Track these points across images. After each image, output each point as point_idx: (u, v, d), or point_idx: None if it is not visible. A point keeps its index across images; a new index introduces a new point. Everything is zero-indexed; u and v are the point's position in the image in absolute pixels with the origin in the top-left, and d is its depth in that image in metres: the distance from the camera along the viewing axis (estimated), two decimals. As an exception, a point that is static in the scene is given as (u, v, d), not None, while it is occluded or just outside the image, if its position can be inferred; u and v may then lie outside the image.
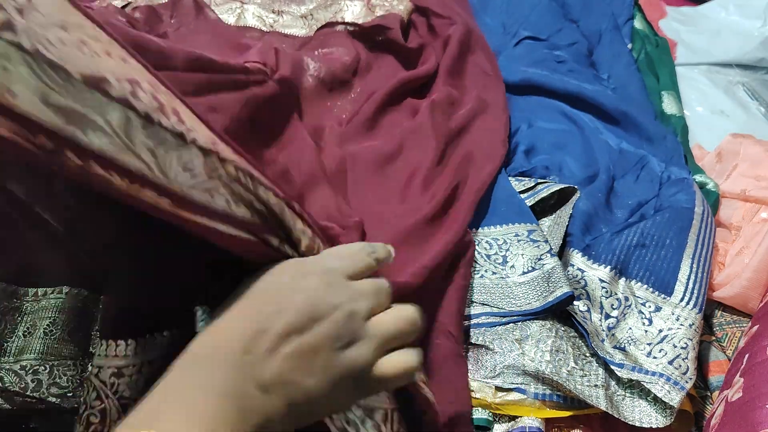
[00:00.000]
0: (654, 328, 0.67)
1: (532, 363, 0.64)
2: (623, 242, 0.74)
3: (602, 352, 0.64)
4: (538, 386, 0.64)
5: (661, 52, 1.09)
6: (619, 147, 0.89)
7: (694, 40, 1.14)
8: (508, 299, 0.69)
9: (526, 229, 0.75)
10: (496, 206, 0.78)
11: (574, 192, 0.80)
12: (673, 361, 0.63)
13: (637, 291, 0.71)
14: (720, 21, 1.17)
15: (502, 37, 1.10)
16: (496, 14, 1.14)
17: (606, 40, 1.11)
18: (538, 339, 0.66)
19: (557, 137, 0.91)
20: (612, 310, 0.69)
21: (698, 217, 0.76)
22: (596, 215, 0.79)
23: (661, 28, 1.16)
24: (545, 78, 0.98)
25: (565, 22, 1.14)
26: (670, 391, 0.61)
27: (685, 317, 0.67)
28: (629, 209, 0.81)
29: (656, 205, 0.80)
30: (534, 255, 0.71)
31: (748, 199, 0.82)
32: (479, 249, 0.73)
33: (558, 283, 0.68)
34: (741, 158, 0.86)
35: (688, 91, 1.04)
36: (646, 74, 1.06)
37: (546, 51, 1.06)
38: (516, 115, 0.96)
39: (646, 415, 0.62)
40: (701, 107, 1.03)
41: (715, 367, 0.72)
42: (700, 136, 0.96)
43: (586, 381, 0.64)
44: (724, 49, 1.10)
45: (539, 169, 0.86)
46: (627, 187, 0.83)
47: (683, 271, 0.71)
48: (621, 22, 1.14)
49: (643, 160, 0.86)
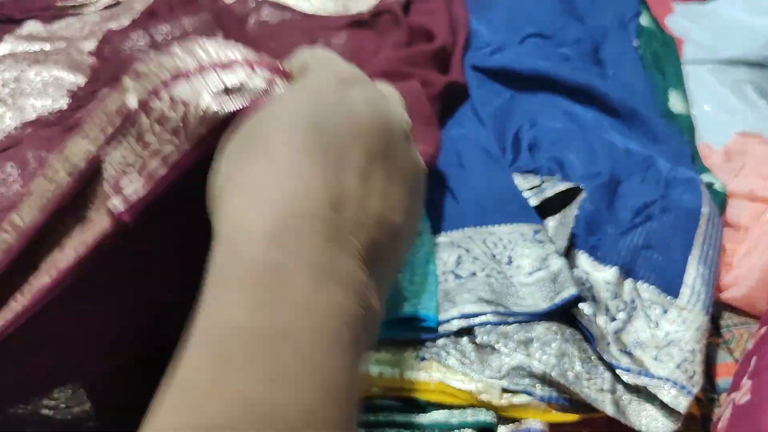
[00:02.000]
0: (661, 331, 0.66)
1: (539, 365, 0.63)
2: (629, 243, 0.73)
3: (608, 356, 0.64)
4: (544, 389, 0.64)
5: (667, 50, 1.08)
6: (626, 147, 0.89)
7: (701, 38, 1.12)
8: (514, 299, 0.68)
9: (532, 229, 0.74)
10: (500, 205, 0.78)
11: (579, 192, 0.79)
12: (681, 365, 0.62)
13: (643, 293, 0.70)
14: (728, 18, 1.15)
15: (506, 34, 1.10)
16: (500, 11, 1.13)
17: (612, 37, 1.10)
18: (543, 342, 0.65)
19: (560, 135, 0.91)
20: (618, 313, 0.68)
21: (705, 218, 0.76)
22: (600, 216, 0.78)
23: (667, 25, 1.15)
24: (554, 69, 0.98)
25: (571, 19, 1.13)
26: (677, 396, 0.60)
27: (692, 319, 0.66)
28: (635, 210, 0.80)
29: (662, 206, 0.79)
30: (540, 255, 0.71)
31: (756, 199, 0.81)
32: (484, 248, 0.73)
33: (565, 284, 0.67)
34: (749, 157, 0.85)
35: (695, 89, 1.03)
36: (653, 72, 1.05)
37: (551, 49, 1.05)
38: (519, 114, 0.95)
39: (653, 420, 0.61)
40: (708, 106, 1.01)
41: (723, 369, 0.71)
42: (707, 135, 0.95)
43: (593, 385, 0.63)
44: (732, 47, 1.09)
45: (544, 167, 0.85)
46: (633, 189, 0.83)
47: (690, 272, 0.71)
48: (627, 19, 1.14)
49: (649, 160, 0.85)
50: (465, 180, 0.81)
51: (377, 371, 0.64)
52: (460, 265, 0.72)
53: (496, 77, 1.00)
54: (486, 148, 0.85)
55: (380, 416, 0.64)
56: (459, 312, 0.68)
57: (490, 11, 1.14)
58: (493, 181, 0.81)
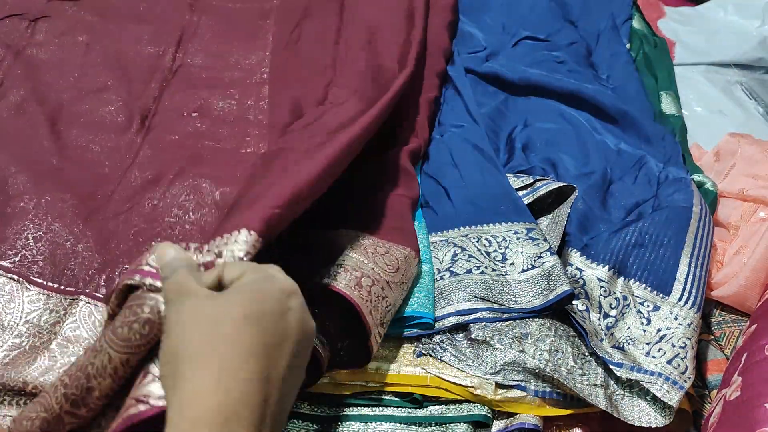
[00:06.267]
0: (653, 328, 0.67)
1: (532, 360, 0.64)
2: (621, 242, 0.74)
3: (601, 351, 0.65)
4: (538, 383, 0.65)
5: (659, 52, 1.09)
6: (618, 147, 0.90)
7: (692, 40, 1.14)
8: (509, 296, 0.69)
9: (525, 227, 0.75)
10: (494, 204, 0.78)
11: (573, 191, 0.80)
12: (672, 361, 0.63)
13: (635, 290, 0.71)
14: (718, 21, 1.17)
15: (501, 37, 1.10)
16: (495, 14, 1.14)
17: (604, 40, 1.11)
18: (537, 338, 0.66)
19: (552, 136, 0.92)
20: (611, 310, 0.69)
21: (696, 217, 0.76)
22: (593, 214, 0.79)
23: (659, 28, 1.16)
24: (545, 78, 0.99)
25: (564, 23, 1.14)
26: (669, 390, 0.61)
27: (683, 316, 0.67)
28: (627, 209, 0.81)
29: (654, 205, 0.80)
30: (533, 253, 0.72)
31: (746, 199, 0.82)
32: (478, 246, 0.74)
33: (558, 281, 0.68)
34: (739, 157, 0.86)
35: (686, 91, 1.04)
36: (645, 74, 1.06)
37: (545, 52, 1.06)
38: (513, 115, 0.96)
39: (645, 415, 0.62)
40: (700, 107, 1.03)
41: (714, 365, 0.72)
42: (698, 136, 0.97)
43: (586, 380, 0.64)
44: (723, 49, 1.10)
45: (537, 168, 0.86)
46: (625, 188, 0.84)
47: (681, 270, 0.71)
48: (619, 22, 1.14)
49: (642, 160, 0.86)
50: (459, 179, 0.82)
51: (375, 366, 0.65)
52: (455, 263, 0.73)
53: (489, 80, 1.01)
54: (480, 148, 0.86)
55: (377, 410, 0.65)
56: (454, 309, 0.69)
57: (485, 14, 1.15)
58: (487, 180, 0.81)
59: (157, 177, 0.78)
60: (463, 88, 0.97)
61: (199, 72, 0.93)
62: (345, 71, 0.90)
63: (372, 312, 0.61)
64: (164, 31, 0.98)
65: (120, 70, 0.92)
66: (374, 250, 0.67)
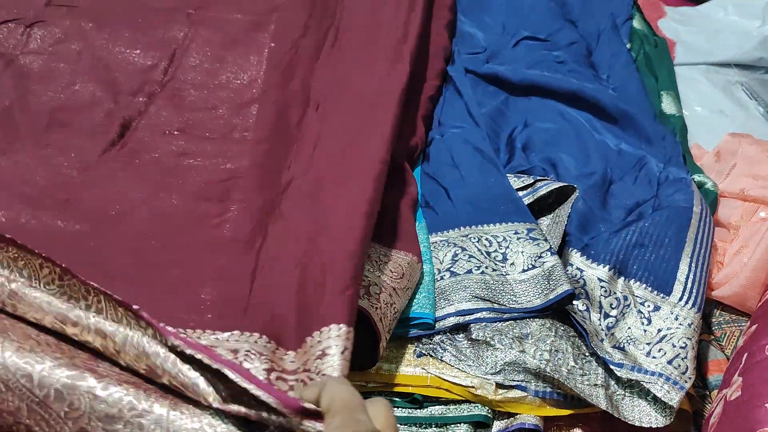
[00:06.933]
0: (653, 328, 0.67)
1: (533, 360, 0.64)
2: (622, 242, 0.74)
3: (601, 351, 0.65)
4: (538, 384, 0.65)
5: (660, 52, 1.09)
6: (618, 148, 0.90)
7: (693, 40, 1.14)
8: (509, 296, 0.69)
9: (526, 227, 0.75)
10: (495, 204, 0.78)
11: (573, 191, 0.80)
12: (673, 361, 0.63)
13: (636, 290, 0.71)
14: (719, 21, 1.17)
15: (501, 37, 1.10)
16: (495, 14, 1.14)
17: (604, 40, 1.11)
18: (537, 338, 0.66)
19: (553, 136, 0.92)
20: (611, 310, 0.69)
21: (696, 217, 0.76)
22: (593, 215, 0.79)
23: (660, 28, 1.16)
24: (545, 78, 0.99)
25: (565, 23, 1.14)
26: (670, 390, 0.61)
27: (684, 316, 0.67)
28: (627, 209, 0.81)
29: (654, 205, 0.80)
30: (534, 253, 0.72)
31: (747, 199, 0.82)
32: (479, 246, 0.74)
33: (559, 281, 0.68)
34: (740, 158, 0.86)
35: (687, 90, 1.04)
36: (645, 74, 1.06)
37: (545, 52, 1.06)
38: (513, 116, 0.96)
39: (645, 415, 0.62)
40: (700, 107, 1.03)
41: (714, 366, 0.72)
42: (699, 136, 0.97)
43: (586, 380, 0.64)
44: (723, 49, 1.11)
45: (537, 168, 0.86)
46: (625, 189, 0.84)
47: (682, 270, 0.71)
48: (620, 22, 1.14)
49: (642, 161, 0.86)
50: (460, 179, 0.82)
51: (375, 367, 0.65)
52: (456, 263, 0.73)
53: (489, 80, 1.01)
54: (480, 148, 0.86)
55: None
56: (455, 309, 0.69)
57: (485, 14, 1.15)
58: (487, 180, 0.81)
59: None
60: (463, 88, 0.97)
61: (189, 89, 0.91)
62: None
63: (382, 319, 0.61)
64: (159, 42, 0.96)
65: (109, 81, 0.89)
66: (378, 258, 0.67)
